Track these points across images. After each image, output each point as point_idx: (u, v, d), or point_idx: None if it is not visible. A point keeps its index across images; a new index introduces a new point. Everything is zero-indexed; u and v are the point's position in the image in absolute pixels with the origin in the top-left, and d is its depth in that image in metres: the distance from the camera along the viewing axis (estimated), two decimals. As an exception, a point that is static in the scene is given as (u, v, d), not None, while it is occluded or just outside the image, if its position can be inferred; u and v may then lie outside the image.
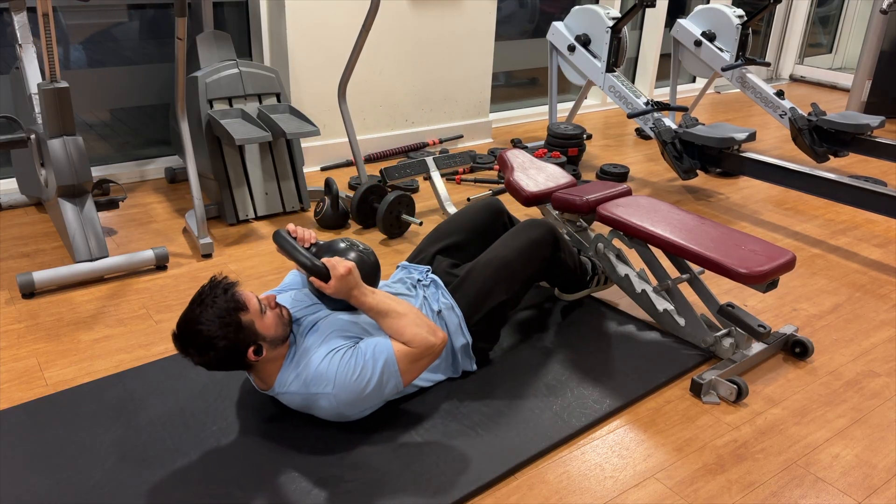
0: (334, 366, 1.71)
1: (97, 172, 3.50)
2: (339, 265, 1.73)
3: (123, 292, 2.54)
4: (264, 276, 2.69)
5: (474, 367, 2.09)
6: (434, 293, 2.04)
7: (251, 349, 1.67)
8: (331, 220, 3.11)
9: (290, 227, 1.84)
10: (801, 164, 3.45)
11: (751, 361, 2.21)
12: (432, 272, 2.14)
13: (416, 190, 3.60)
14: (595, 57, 3.87)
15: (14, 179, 3.28)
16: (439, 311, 2.00)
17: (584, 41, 3.92)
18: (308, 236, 1.85)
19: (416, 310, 1.81)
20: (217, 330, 1.62)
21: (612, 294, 2.60)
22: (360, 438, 1.82)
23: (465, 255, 2.25)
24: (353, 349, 1.75)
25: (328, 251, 1.82)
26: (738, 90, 5.44)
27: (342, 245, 1.86)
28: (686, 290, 2.47)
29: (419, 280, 2.09)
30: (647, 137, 4.69)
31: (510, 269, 2.08)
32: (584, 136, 3.92)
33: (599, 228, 2.94)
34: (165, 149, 3.72)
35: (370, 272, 1.87)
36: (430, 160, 3.20)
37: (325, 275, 1.73)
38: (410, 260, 2.26)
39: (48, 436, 1.80)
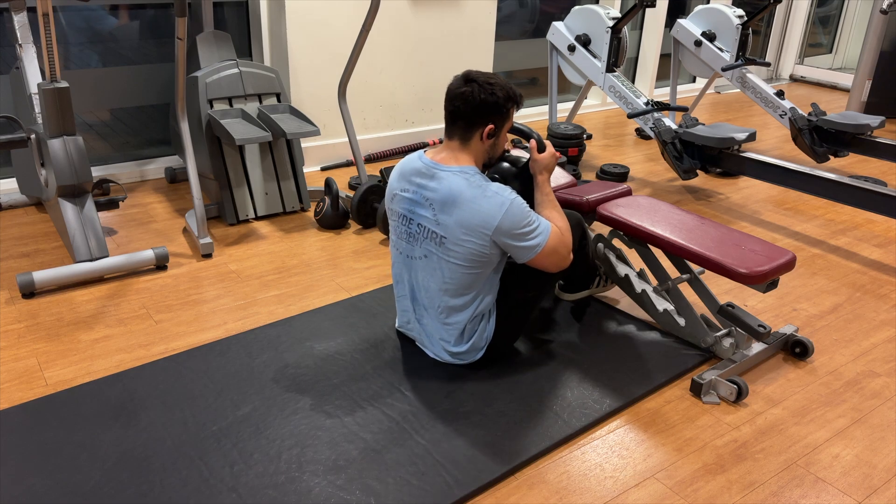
0: (515, 195, 1.93)
1: (97, 172, 3.50)
2: (551, 147, 2.08)
3: (123, 292, 2.54)
4: (264, 275, 2.69)
5: (477, 357, 2.11)
6: None
7: (492, 127, 1.95)
8: (331, 220, 3.11)
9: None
10: (801, 164, 3.45)
11: (751, 361, 2.21)
12: None
13: (416, 190, 3.60)
14: (595, 57, 3.87)
15: (14, 179, 3.28)
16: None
17: (584, 41, 3.92)
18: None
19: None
20: (506, 86, 1.95)
21: (612, 294, 2.60)
22: (360, 439, 1.82)
23: None
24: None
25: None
26: (738, 90, 5.43)
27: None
28: (686, 290, 2.47)
29: None
30: (647, 137, 4.68)
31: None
32: (584, 136, 3.92)
33: (599, 228, 2.94)
34: (165, 149, 3.72)
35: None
36: (430, 160, 3.20)
37: (543, 146, 2.07)
38: None
39: (48, 436, 1.80)
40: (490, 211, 1.88)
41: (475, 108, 1.92)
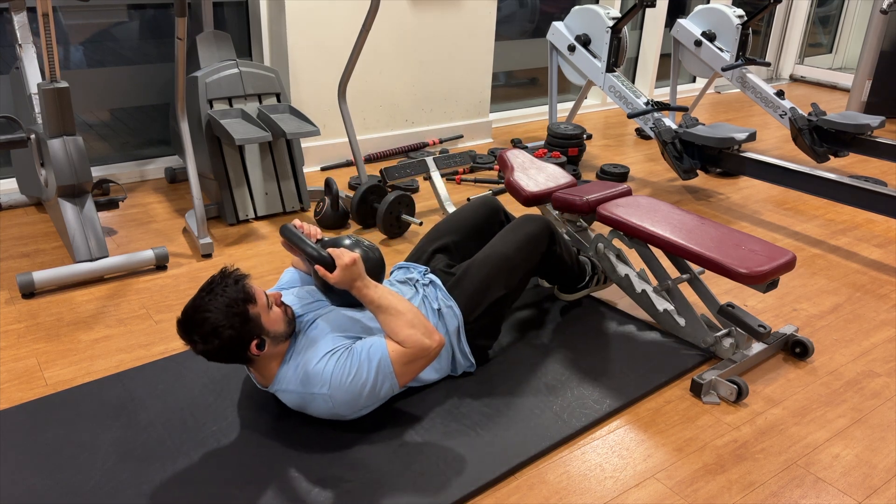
0: (330, 367, 1.72)
1: (97, 172, 3.50)
2: (344, 255, 1.74)
3: (123, 292, 2.54)
4: (264, 275, 2.69)
5: (473, 367, 2.09)
6: (433, 292, 2.04)
7: (254, 342, 1.68)
8: (331, 220, 3.11)
9: (297, 222, 1.86)
10: (801, 164, 3.45)
11: (751, 361, 2.21)
12: (430, 272, 2.14)
13: (416, 190, 3.60)
14: (595, 57, 3.87)
15: (14, 179, 3.28)
16: (439, 309, 2.00)
17: (584, 41, 3.92)
18: (314, 232, 1.87)
19: (415, 309, 1.81)
20: (224, 319, 1.62)
21: (611, 294, 2.60)
22: (360, 438, 1.82)
23: (462, 254, 2.26)
24: (349, 350, 1.75)
25: (333, 246, 1.83)
26: (738, 90, 5.44)
27: (347, 241, 1.88)
28: (686, 290, 2.48)
29: (417, 280, 2.09)
30: (647, 137, 4.69)
31: (508, 265, 2.09)
32: (584, 136, 3.92)
33: (599, 228, 2.94)
34: (165, 149, 3.72)
35: (374, 268, 1.88)
36: (430, 160, 3.20)
37: (330, 264, 1.75)
38: (408, 259, 2.27)
39: (48, 436, 1.80)
40: (327, 410, 1.75)
41: (223, 353, 1.67)
